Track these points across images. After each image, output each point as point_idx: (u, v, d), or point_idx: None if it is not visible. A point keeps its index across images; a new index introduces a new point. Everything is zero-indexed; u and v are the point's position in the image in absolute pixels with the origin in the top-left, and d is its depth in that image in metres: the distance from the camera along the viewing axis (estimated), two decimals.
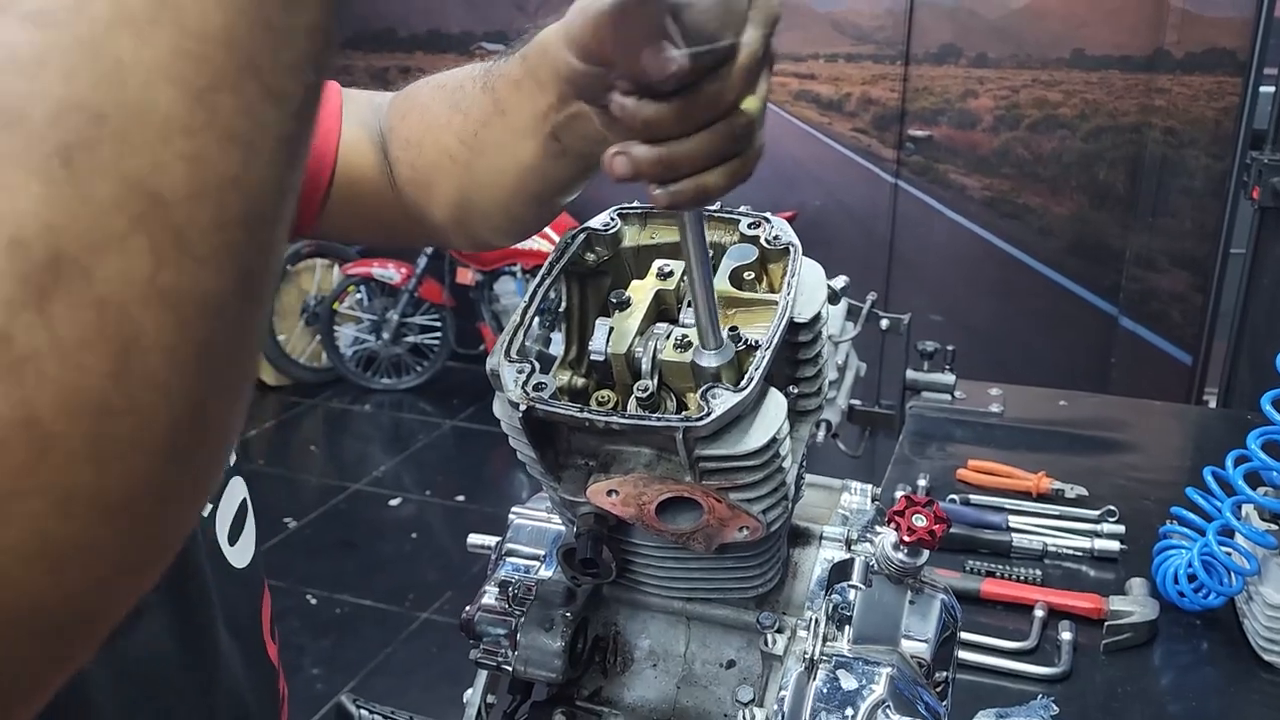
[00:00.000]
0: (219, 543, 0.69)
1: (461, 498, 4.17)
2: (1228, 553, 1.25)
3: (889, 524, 0.72)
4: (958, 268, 4.41)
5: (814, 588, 0.76)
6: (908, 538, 0.70)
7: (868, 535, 0.78)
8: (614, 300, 0.68)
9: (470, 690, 0.84)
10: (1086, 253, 4.21)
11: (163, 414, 0.29)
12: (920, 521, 0.70)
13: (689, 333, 0.64)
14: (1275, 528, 1.20)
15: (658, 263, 0.71)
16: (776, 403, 0.63)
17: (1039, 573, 1.39)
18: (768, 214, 0.73)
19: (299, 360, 5.23)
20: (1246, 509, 1.24)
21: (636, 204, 0.73)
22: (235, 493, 0.72)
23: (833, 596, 0.73)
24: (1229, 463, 1.24)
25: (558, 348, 0.71)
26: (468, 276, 4.86)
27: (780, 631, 0.73)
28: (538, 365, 0.63)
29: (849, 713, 0.67)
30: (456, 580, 3.50)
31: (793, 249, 0.70)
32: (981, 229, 4.34)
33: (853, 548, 0.78)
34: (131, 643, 0.58)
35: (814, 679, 0.69)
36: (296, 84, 0.32)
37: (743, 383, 0.60)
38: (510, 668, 0.75)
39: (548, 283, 0.68)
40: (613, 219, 0.72)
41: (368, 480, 4.32)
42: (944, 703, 0.72)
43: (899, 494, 0.73)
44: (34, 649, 0.29)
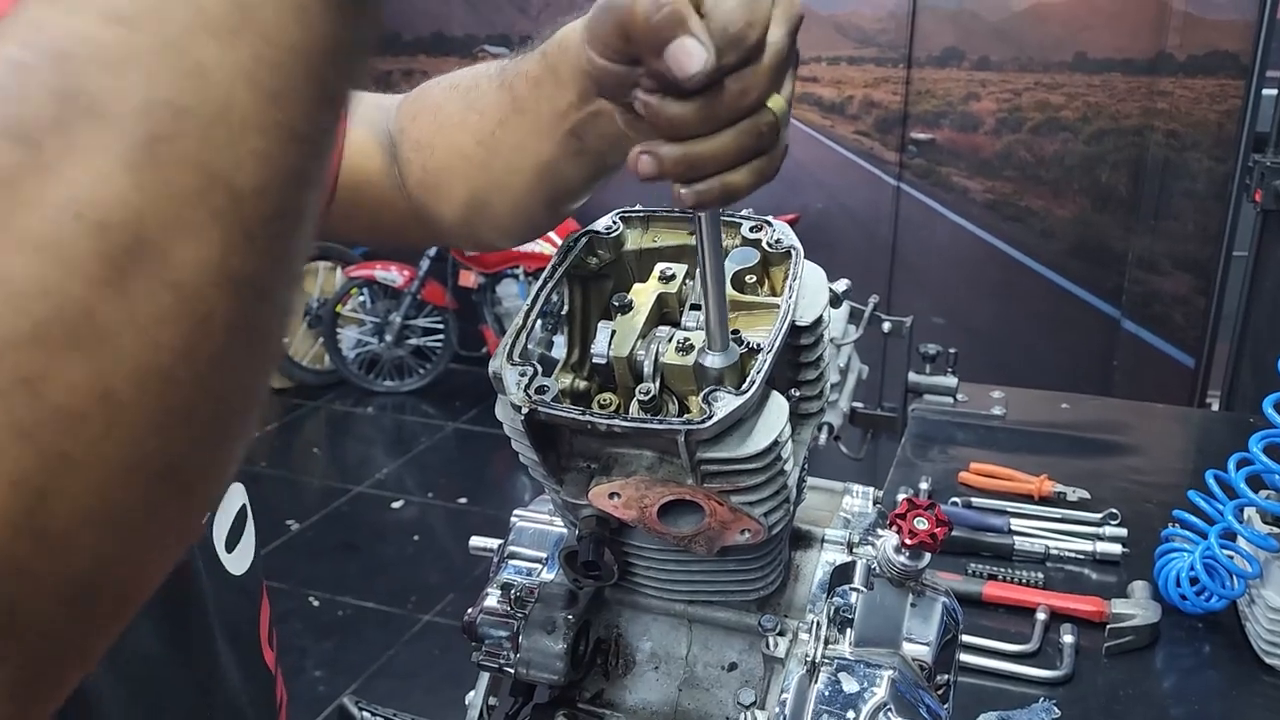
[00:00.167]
0: (216, 549, 0.69)
1: (464, 500, 4.17)
2: (1230, 556, 1.25)
3: (891, 527, 0.72)
4: (960, 270, 4.41)
5: (816, 590, 0.77)
6: (909, 541, 0.70)
7: (869, 538, 0.78)
8: (616, 303, 0.68)
9: (472, 692, 0.84)
10: (1089, 255, 4.21)
11: (219, 389, 0.32)
12: (922, 524, 0.70)
13: (691, 336, 0.64)
14: (1277, 531, 1.20)
15: (660, 266, 0.71)
16: (778, 405, 0.64)
17: (1041, 576, 1.39)
18: (770, 217, 0.73)
19: (302, 363, 5.24)
20: (1248, 512, 1.24)
21: (639, 207, 0.74)
22: (234, 499, 0.72)
23: (834, 599, 0.73)
24: (1231, 466, 1.24)
25: (560, 351, 0.72)
26: (470, 279, 4.87)
27: (782, 634, 0.73)
28: (540, 368, 0.63)
29: (850, 715, 0.67)
30: (459, 582, 3.51)
31: (794, 252, 0.70)
32: (984, 232, 4.34)
33: (854, 550, 0.78)
34: (126, 651, 0.58)
35: (815, 681, 0.69)
36: (347, 89, 0.35)
37: (744, 386, 0.60)
38: (512, 670, 0.76)
39: (550, 286, 0.68)
40: (615, 222, 0.72)
41: (370, 482, 4.32)
42: (945, 705, 0.72)
43: (901, 497, 0.73)
44: (95, 613, 0.31)
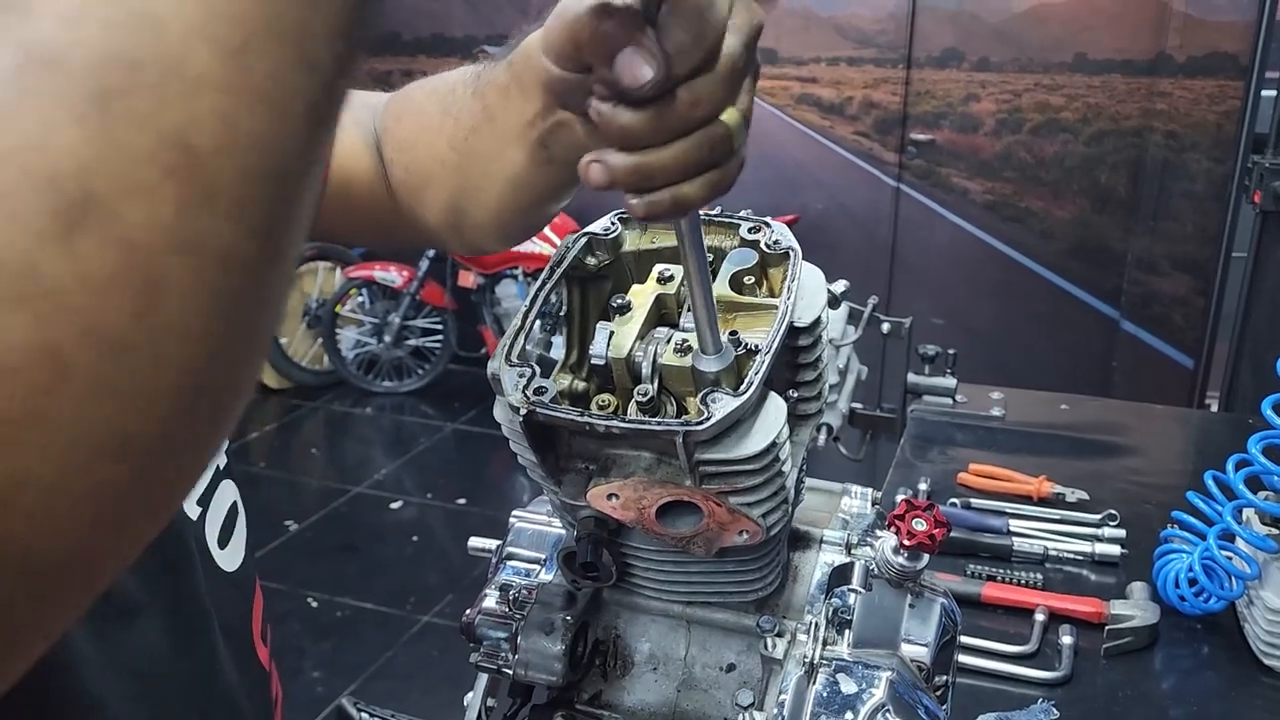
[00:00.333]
0: (209, 546, 0.69)
1: (462, 501, 4.17)
2: (1228, 557, 1.25)
3: (889, 528, 0.72)
4: (959, 271, 4.41)
5: (814, 591, 0.76)
6: (908, 542, 0.70)
7: (868, 539, 0.78)
8: (614, 304, 0.68)
9: (471, 694, 0.84)
10: (1088, 256, 4.21)
11: (179, 358, 0.30)
12: (921, 525, 0.70)
13: (689, 337, 0.64)
14: (1276, 532, 1.20)
15: (658, 267, 0.71)
16: (776, 407, 0.63)
17: (1040, 577, 1.39)
18: (768, 218, 0.73)
19: (300, 363, 5.23)
20: (1247, 513, 1.24)
21: None
22: (226, 496, 0.72)
23: (833, 600, 0.73)
24: (1230, 467, 1.24)
25: (558, 352, 0.72)
26: (469, 280, 4.87)
27: (780, 635, 0.73)
28: (538, 369, 0.63)
29: (849, 717, 0.67)
30: (457, 583, 3.50)
31: (793, 253, 0.70)
32: (983, 232, 4.34)
33: (853, 552, 0.78)
34: (127, 643, 0.58)
35: (814, 683, 0.69)
36: (328, 54, 0.33)
37: (742, 387, 0.60)
38: (511, 671, 0.76)
39: (549, 287, 0.68)
40: (613, 223, 0.72)
41: (369, 483, 4.32)
42: (944, 707, 0.72)
43: (899, 498, 0.73)
44: (32, 587, 0.29)
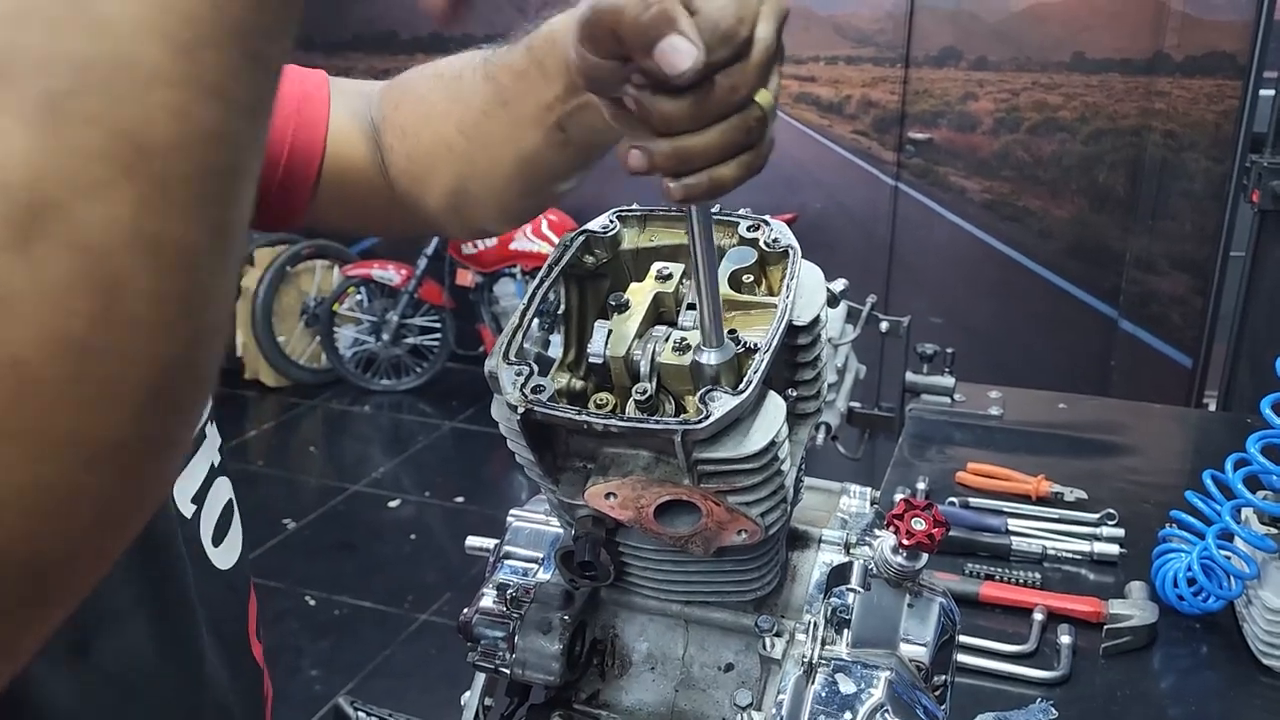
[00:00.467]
0: (203, 544, 0.69)
1: (460, 499, 4.17)
2: (1227, 556, 1.25)
3: (888, 527, 0.71)
4: (958, 270, 4.41)
5: (812, 591, 0.76)
6: (906, 541, 0.70)
7: (867, 538, 0.78)
8: (613, 303, 0.68)
9: (468, 693, 0.84)
10: (1086, 255, 4.21)
11: (144, 359, 0.30)
12: (919, 525, 0.70)
13: (687, 335, 0.64)
14: (1274, 531, 1.20)
15: (656, 265, 0.71)
16: (775, 405, 0.63)
17: (1038, 576, 1.39)
18: (767, 217, 0.73)
19: (298, 361, 5.23)
20: (1246, 513, 1.24)
21: (636, 206, 0.73)
22: (220, 493, 0.72)
23: (831, 600, 0.73)
24: (1228, 466, 1.24)
25: (556, 350, 0.71)
26: (468, 278, 4.86)
27: (779, 635, 0.73)
28: (536, 367, 0.63)
29: (847, 717, 0.67)
30: (455, 582, 3.50)
31: (792, 252, 0.70)
32: (981, 231, 4.34)
33: (851, 551, 0.78)
34: (112, 646, 0.58)
35: (812, 682, 0.69)
36: (276, 47, 0.33)
37: (741, 385, 0.60)
38: (508, 670, 0.75)
39: (547, 285, 0.68)
40: (611, 221, 0.72)
41: (367, 481, 4.32)
42: (943, 706, 0.72)
43: (898, 497, 0.73)
44: (18, 597, 0.29)
